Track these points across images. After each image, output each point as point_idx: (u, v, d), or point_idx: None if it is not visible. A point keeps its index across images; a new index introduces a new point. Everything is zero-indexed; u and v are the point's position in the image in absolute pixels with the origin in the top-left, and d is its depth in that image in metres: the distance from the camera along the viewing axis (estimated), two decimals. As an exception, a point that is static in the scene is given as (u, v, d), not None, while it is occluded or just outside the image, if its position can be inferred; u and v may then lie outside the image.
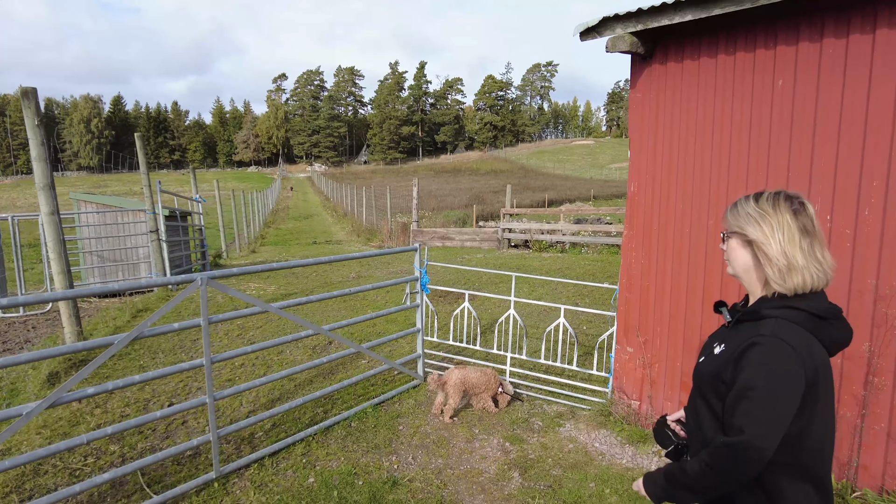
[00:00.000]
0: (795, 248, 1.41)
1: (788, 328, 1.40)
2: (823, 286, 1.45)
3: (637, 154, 3.93)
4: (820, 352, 1.41)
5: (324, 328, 4.14)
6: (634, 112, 3.91)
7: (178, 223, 10.84)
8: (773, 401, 1.36)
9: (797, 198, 1.47)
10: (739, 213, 1.53)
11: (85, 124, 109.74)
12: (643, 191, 3.91)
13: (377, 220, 23.90)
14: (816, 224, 1.44)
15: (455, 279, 10.10)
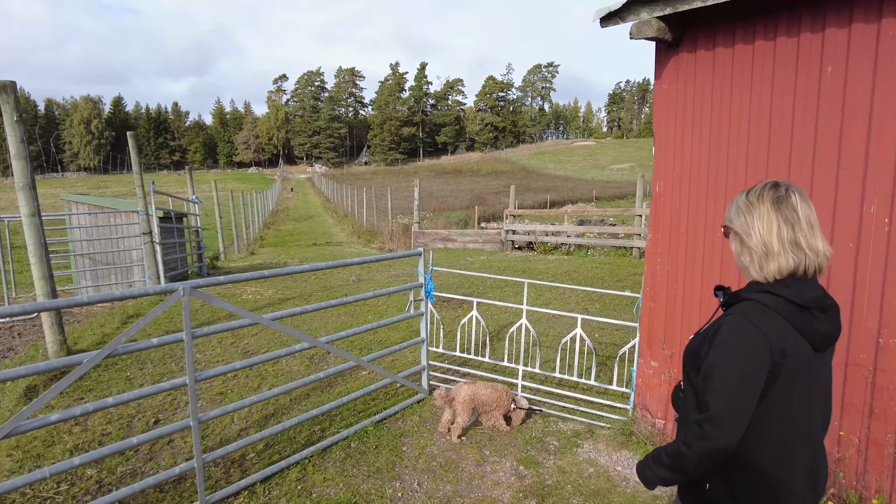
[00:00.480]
0: (773, 236, 1.45)
1: (758, 310, 1.44)
2: (809, 272, 1.46)
3: (662, 150, 3.60)
4: (795, 340, 1.42)
5: (321, 340, 3.80)
6: (660, 105, 3.59)
7: (174, 225, 10.52)
8: (735, 377, 1.39)
9: (783, 187, 1.49)
10: (732, 207, 1.59)
11: (85, 125, 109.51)
12: (670, 190, 3.58)
13: (378, 221, 23.57)
14: (802, 212, 1.46)
15: (458, 283, 9.77)
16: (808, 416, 1.49)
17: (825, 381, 1.54)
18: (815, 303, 1.44)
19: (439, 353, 5.36)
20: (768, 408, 1.44)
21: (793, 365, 1.42)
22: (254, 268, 12.96)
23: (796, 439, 1.49)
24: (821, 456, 1.57)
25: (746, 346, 1.40)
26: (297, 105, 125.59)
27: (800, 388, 1.45)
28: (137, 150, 8.82)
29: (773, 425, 1.46)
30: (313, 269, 3.68)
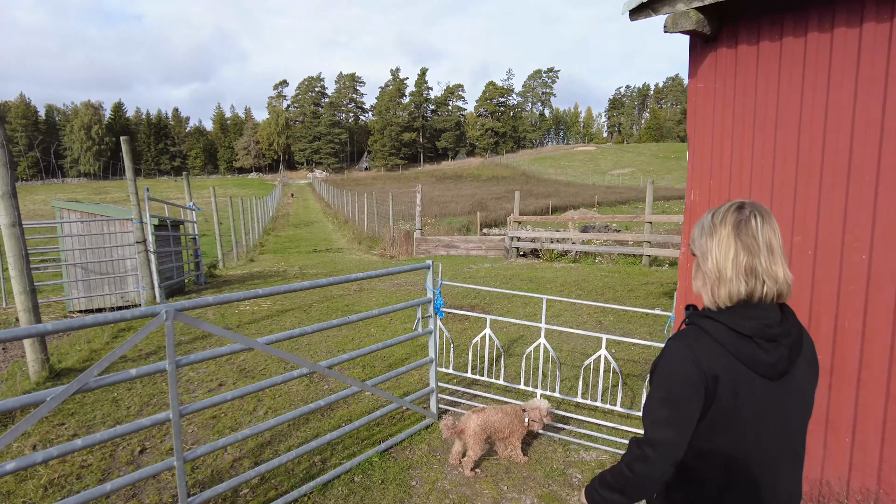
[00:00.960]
0: (728, 262, 1.42)
1: (696, 334, 1.43)
2: (767, 299, 1.42)
3: (697, 156, 3.27)
4: (733, 367, 1.39)
5: (321, 365, 3.47)
6: (695, 105, 3.26)
7: (169, 233, 10.19)
8: (667, 400, 1.41)
9: (748, 209, 1.45)
10: (698, 226, 1.54)
11: (85, 131, 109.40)
12: (706, 200, 3.25)
13: (379, 227, 23.25)
14: (762, 237, 1.42)
15: (464, 291, 9.43)
16: (762, 447, 1.45)
17: (793, 414, 1.48)
18: (757, 332, 1.39)
19: (449, 373, 5.00)
20: (713, 435, 1.43)
21: (731, 392, 1.40)
22: (252, 276, 12.63)
23: (748, 470, 1.45)
24: (784, 487, 1.51)
25: (676, 372, 1.40)
26: (298, 111, 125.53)
27: (753, 413, 1.42)
28: (132, 155, 8.50)
29: (720, 454, 1.44)
30: (312, 287, 3.34)
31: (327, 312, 8.12)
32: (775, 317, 1.43)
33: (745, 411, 1.41)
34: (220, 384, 5.29)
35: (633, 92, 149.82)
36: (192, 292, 10.41)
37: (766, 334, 1.40)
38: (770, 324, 1.41)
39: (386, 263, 15.07)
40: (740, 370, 1.40)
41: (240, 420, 4.49)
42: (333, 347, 6.38)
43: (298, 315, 7.92)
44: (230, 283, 11.52)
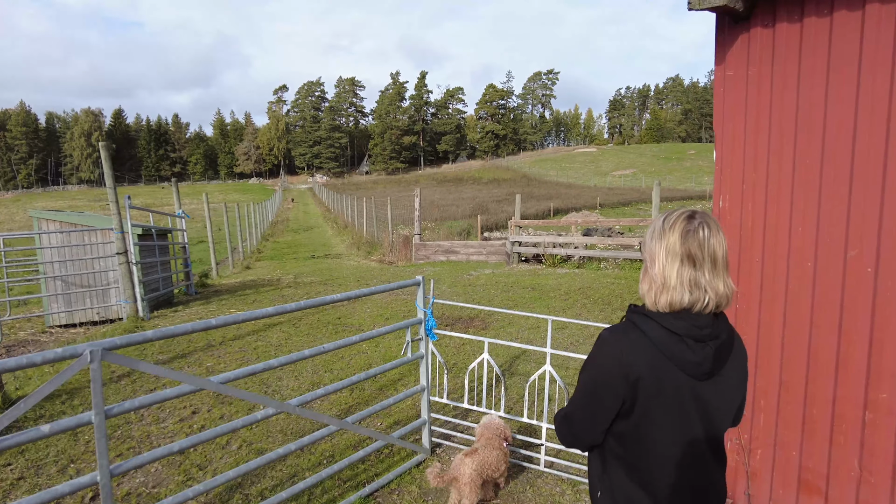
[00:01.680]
0: (672, 270, 1.44)
1: (627, 329, 1.49)
2: (707, 310, 1.44)
3: (728, 155, 2.81)
4: (660, 363, 1.44)
5: (291, 404, 2.99)
6: (722, 97, 2.79)
7: (154, 242, 9.73)
8: (587, 385, 1.54)
9: (697, 219, 1.47)
10: (649, 230, 1.57)
11: (86, 138, 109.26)
12: (738, 207, 2.78)
13: (378, 231, 22.81)
14: (708, 249, 1.44)
15: (462, 300, 8.96)
16: (684, 441, 1.50)
17: (718, 415, 1.52)
18: (687, 332, 1.43)
19: (443, 402, 4.52)
20: (639, 426, 1.49)
21: (656, 387, 1.44)
22: (244, 286, 12.17)
23: (672, 460, 1.51)
24: (708, 483, 1.57)
25: (601, 363, 1.49)
26: (298, 115, 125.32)
27: (678, 409, 1.47)
28: (111, 161, 8.08)
29: (647, 443, 1.50)
30: (279, 313, 2.87)
31: (317, 325, 7.65)
32: (706, 320, 1.45)
33: (669, 407, 1.46)
34: (194, 412, 4.82)
35: (633, 93, 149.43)
36: (180, 304, 9.96)
37: (696, 335, 1.43)
38: (700, 326, 1.44)
39: (384, 270, 14.61)
40: (666, 366, 1.44)
41: (210, 456, 4.03)
42: (320, 367, 5.91)
43: (286, 329, 7.46)
44: (221, 293, 11.07)
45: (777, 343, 2.68)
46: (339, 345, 3.24)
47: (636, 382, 1.44)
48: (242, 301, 9.73)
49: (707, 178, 74.10)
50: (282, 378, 5.57)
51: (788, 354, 2.64)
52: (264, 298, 9.90)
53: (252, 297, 10.09)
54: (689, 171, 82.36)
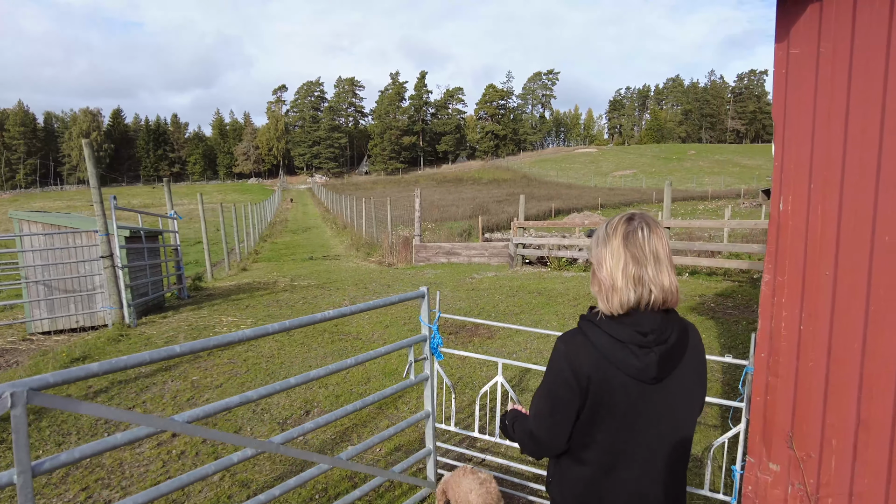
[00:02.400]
0: (619, 271, 1.49)
1: (575, 336, 1.56)
2: (655, 306, 1.50)
3: (792, 149, 2.37)
4: (607, 369, 1.48)
5: (273, 442, 2.55)
6: (785, 80, 2.35)
7: (143, 244, 9.28)
8: (548, 395, 1.57)
9: (636, 220, 1.53)
10: (594, 236, 1.64)
11: (84, 137, 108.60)
12: (805, 210, 2.34)
13: (377, 232, 22.37)
14: (650, 247, 1.50)
15: (466, 307, 8.52)
16: (633, 444, 1.54)
17: (673, 417, 1.56)
18: (630, 338, 1.48)
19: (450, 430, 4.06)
20: (591, 428, 1.54)
21: (605, 391, 1.49)
22: (239, 289, 11.73)
23: (622, 462, 1.54)
24: (657, 488, 1.58)
25: (556, 370, 1.55)
26: (297, 115, 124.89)
27: (624, 412, 1.51)
28: (94, 159, 7.64)
29: (599, 446, 1.54)
30: (258, 335, 2.43)
31: (312, 334, 7.21)
32: (651, 326, 1.49)
33: (619, 410, 1.51)
34: (158, 443, 4.35)
35: (633, 93, 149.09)
36: (171, 308, 9.52)
37: (639, 341, 1.48)
38: (644, 332, 1.49)
39: (383, 272, 14.17)
40: (613, 371, 1.49)
41: (189, 489, 3.59)
42: (314, 381, 5.47)
43: (279, 338, 7.01)
44: (214, 297, 10.63)
45: (854, 375, 2.24)
46: (331, 370, 2.80)
47: (587, 385, 1.49)
48: (235, 306, 9.29)
49: (708, 179, 73.71)
50: (271, 395, 5.12)
51: (869, 389, 2.20)
52: (258, 303, 9.46)
53: (246, 302, 9.65)
54: (689, 172, 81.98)
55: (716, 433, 4.13)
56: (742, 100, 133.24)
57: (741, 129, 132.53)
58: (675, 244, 10.47)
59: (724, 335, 6.44)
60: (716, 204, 47.77)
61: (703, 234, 22.60)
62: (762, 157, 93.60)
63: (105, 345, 6.83)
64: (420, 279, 11.87)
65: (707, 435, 4.14)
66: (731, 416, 3.19)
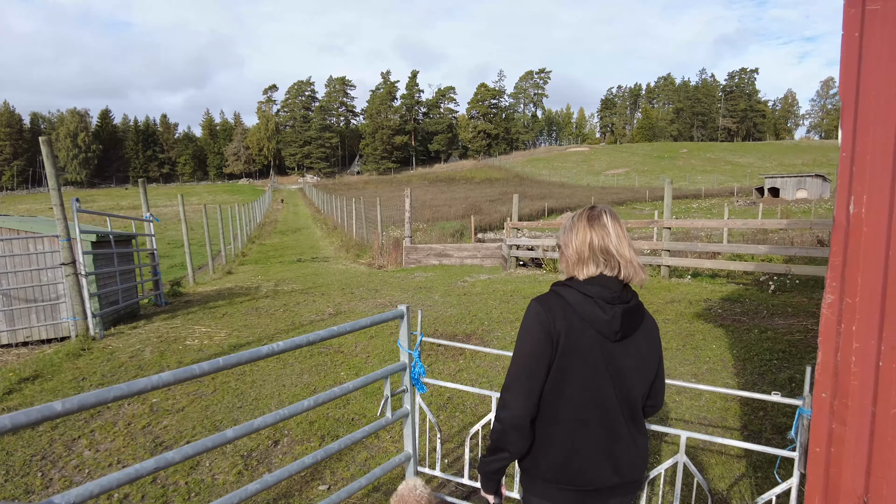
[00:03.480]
0: (585, 246, 1.70)
1: (549, 296, 1.70)
2: (615, 274, 1.69)
3: (867, 135, 1.85)
4: (579, 325, 1.63)
5: None
6: (860, 45, 1.83)
7: (113, 250, 8.69)
8: (522, 352, 1.67)
9: (598, 208, 1.76)
10: (561, 228, 1.85)
11: (72, 138, 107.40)
12: (885, 214, 1.82)
13: (368, 233, 21.79)
14: (612, 228, 1.71)
15: (457, 315, 7.98)
16: (600, 396, 1.66)
17: (630, 374, 1.70)
18: (598, 294, 1.64)
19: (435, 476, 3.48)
20: (564, 379, 1.64)
21: (575, 342, 1.63)
22: (220, 294, 11.16)
23: (590, 413, 1.66)
24: (625, 442, 1.70)
25: (531, 328, 1.66)
26: (288, 115, 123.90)
27: (592, 365, 1.64)
28: (53, 158, 7.05)
29: (571, 396, 1.65)
30: (188, 377, 1.88)
31: (292, 347, 6.66)
32: (616, 287, 1.68)
33: (583, 363, 1.64)
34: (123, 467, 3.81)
35: (624, 92, 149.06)
36: (145, 317, 8.94)
37: (606, 297, 1.65)
38: (610, 289, 1.66)
39: (372, 275, 13.61)
40: (582, 326, 1.64)
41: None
42: (286, 402, 4.92)
43: (255, 352, 6.45)
44: (192, 303, 10.04)
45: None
46: (295, 411, 2.26)
47: (557, 339, 1.63)
48: (211, 314, 8.71)
49: (700, 177, 73.59)
50: (237, 420, 4.56)
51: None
52: (236, 311, 8.88)
53: (223, 310, 9.07)
54: (682, 170, 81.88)
55: (749, 483, 3.61)
56: (733, 98, 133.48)
57: (732, 127, 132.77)
58: (677, 245, 9.98)
59: (736, 345, 5.94)
60: (709, 202, 47.50)
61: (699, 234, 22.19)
62: (753, 155, 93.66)
63: (63, 361, 6.25)
64: (410, 283, 11.33)
65: (729, 477, 3.63)
66: (777, 466, 2.67)
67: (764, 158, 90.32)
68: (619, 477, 1.69)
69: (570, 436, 1.66)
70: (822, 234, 11.08)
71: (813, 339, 5.85)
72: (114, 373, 5.76)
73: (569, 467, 1.66)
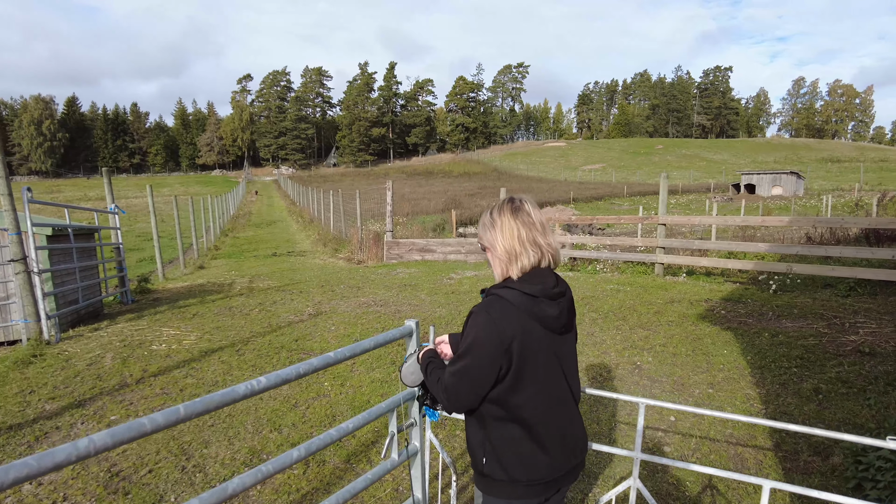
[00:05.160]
0: (515, 241, 1.70)
1: (496, 302, 1.67)
2: (544, 264, 1.74)
3: None
4: (527, 324, 1.64)
5: None
6: None
7: (72, 245, 7.96)
8: (470, 367, 1.65)
9: (518, 199, 1.78)
10: (480, 226, 1.84)
11: (36, 126, 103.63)
12: None
13: (346, 227, 21.15)
14: (535, 217, 1.74)
15: (446, 314, 7.49)
16: (558, 387, 1.73)
17: (570, 359, 1.79)
18: (542, 292, 1.67)
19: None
20: (520, 380, 1.66)
21: (528, 344, 1.64)
22: (191, 291, 10.48)
23: (550, 406, 1.71)
24: (575, 423, 1.80)
25: (483, 341, 1.62)
26: (263, 106, 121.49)
27: (544, 362, 1.68)
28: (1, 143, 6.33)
29: (529, 394, 1.67)
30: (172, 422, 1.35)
31: (268, 351, 6.09)
32: (553, 281, 1.72)
33: (537, 362, 1.67)
34: None
35: (601, 88, 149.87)
36: (109, 317, 8.26)
37: (549, 294, 1.68)
38: (550, 286, 1.70)
39: (352, 271, 13.04)
40: (531, 326, 1.65)
41: None
42: (263, 419, 4.37)
43: (227, 358, 5.87)
44: (160, 301, 9.37)
45: None
46: (280, 465, 1.73)
47: (510, 345, 1.62)
48: (181, 314, 8.07)
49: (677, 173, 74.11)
50: (209, 443, 4.00)
51: None
52: (208, 311, 8.25)
53: (194, 309, 8.44)
54: (657, 166, 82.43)
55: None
56: (708, 95, 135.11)
57: (707, 124, 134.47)
58: (672, 242, 9.63)
59: (748, 351, 5.56)
60: (687, 198, 47.74)
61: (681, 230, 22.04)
62: (727, 152, 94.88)
63: (10, 370, 5.58)
64: (393, 280, 10.80)
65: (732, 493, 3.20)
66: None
67: (738, 155, 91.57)
68: (575, 458, 1.78)
69: (533, 434, 1.68)
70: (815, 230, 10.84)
71: (829, 345, 5.50)
72: (68, 384, 5.13)
73: (536, 464, 1.68)
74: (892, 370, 4.66)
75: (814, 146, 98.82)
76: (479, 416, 1.75)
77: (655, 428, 4.17)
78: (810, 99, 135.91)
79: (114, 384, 5.15)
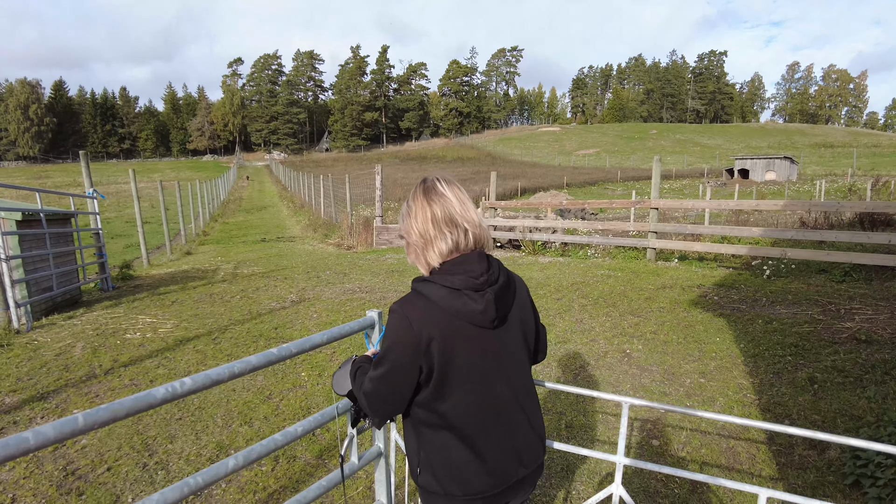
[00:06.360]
0: (428, 224, 1.53)
1: (412, 299, 1.51)
2: (471, 245, 1.54)
3: None
4: (449, 321, 1.47)
5: None
6: None
7: (45, 229, 7.69)
8: (386, 373, 1.49)
9: (430, 178, 1.60)
10: (400, 217, 1.66)
11: (22, 110, 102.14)
12: None
13: (336, 212, 20.89)
14: (450, 193, 1.55)
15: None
16: (497, 388, 1.54)
17: (514, 355, 1.59)
18: (465, 284, 1.48)
19: None
20: (446, 385, 1.49)
21: (452, 344, 1.47)
22: (175, 277, 10.23)
23: (488, 410, 1.53)
24: (522, 430, 1.59)
25: (396, 341, 1.48)
26: (254, 90, 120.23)
27: (476, 362, 1.50)
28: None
29: (458, 399, 1.50)
30: (102, 422, 1.13)
31: (246, 339, 5.88)
32: (480, 268, 1.51)
33: (466, 362, 1.49)
34: None
35: (595, 72, 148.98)
36: (87, 304, 8.01)
37: (473, 285, 1.48)
38: (475, 275, 1.49)
39: (341, 256, 12.81)
40: (455, 323, 1.48)
41: None
42: (234, 411, 4.16)
43: (203, 346, 5.64)
44: (141, 289, 9.12)
45: None
46: (213, 476, 1.51)
47: (429, 347, 1.46)
48: (160, 302, 7.83)
49: (671, 158, 73.88)
50: (175, 438, 3.79)
51: None
52: (188, 298, 8.02)
53: (174, 296, 8.20)
54: (651, 151, 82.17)
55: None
56: (702, 80, 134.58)
57: (701, 109, 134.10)
58: (665, 227, 9.44)
59: (741, 338, 5.39)
60: (681, 183, 47.62)
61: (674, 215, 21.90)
62: (721, 137, 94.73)
63: None
64: (381, 266, 10.58)
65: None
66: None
67: (731, 140, 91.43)
68: (524, 468, 1.60)
69: (467, 442, 1.52)
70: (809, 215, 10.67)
71: (823, 332, 5.34)
72: (32, 375, 4.90)
73: (471, 476, 1.52)
74: (890, 358, 4.49)
75: (807, 131, 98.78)
76: (414, 422, 1.59)
77: (644, 419, 3.99)
78: (805, 84, 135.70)
79: (81, 375, 4.93)
